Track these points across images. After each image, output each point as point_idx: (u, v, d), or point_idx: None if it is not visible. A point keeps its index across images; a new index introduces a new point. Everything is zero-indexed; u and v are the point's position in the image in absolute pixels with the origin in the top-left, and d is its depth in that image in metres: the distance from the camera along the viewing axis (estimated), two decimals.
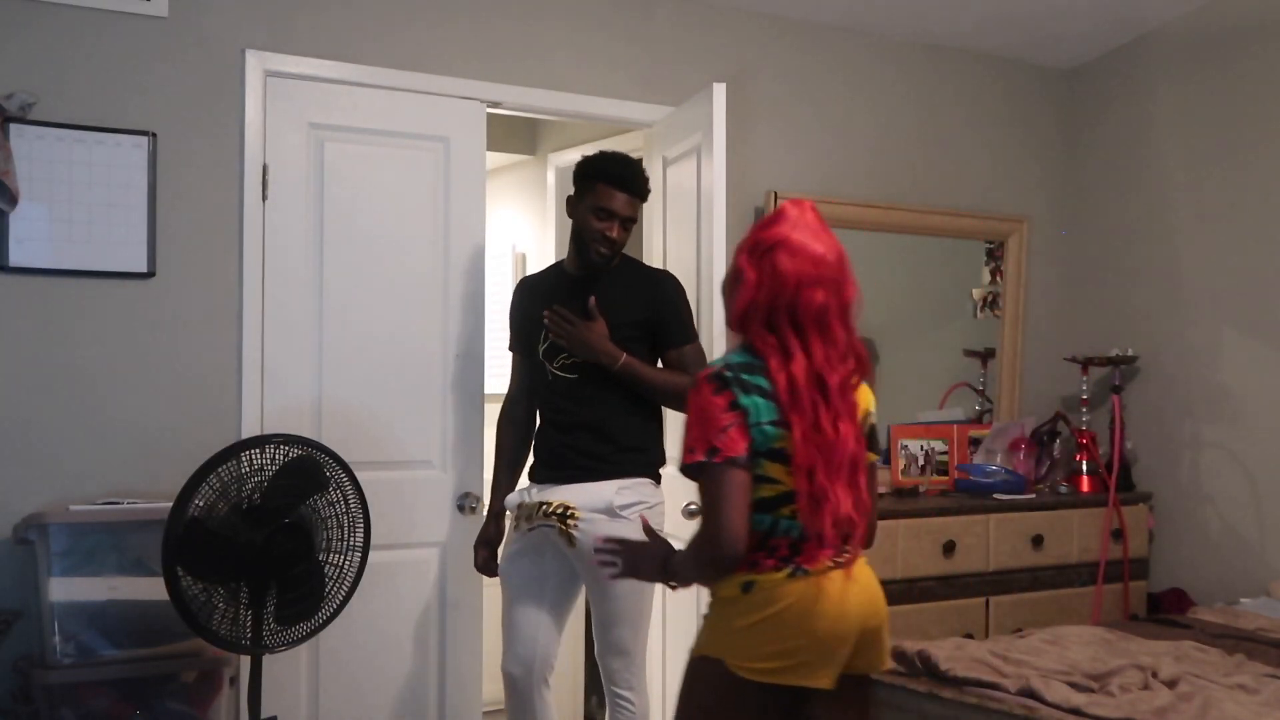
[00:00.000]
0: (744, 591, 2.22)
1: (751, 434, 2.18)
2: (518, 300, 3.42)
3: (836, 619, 2.20)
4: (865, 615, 2.26)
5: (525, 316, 3.34)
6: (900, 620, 3.86)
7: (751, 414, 2.19)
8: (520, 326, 3.38)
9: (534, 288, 3.40)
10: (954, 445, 4.60)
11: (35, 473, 3.18)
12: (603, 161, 3.20)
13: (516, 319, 3.40)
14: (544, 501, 3.12)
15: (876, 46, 4.62)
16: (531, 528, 3.15)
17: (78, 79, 3.27)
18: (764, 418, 2.19)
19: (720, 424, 2.18)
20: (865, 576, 2.31)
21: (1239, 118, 4.45)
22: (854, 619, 2.23)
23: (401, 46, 3.70)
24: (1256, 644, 3.29)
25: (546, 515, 3.10)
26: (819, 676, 2.20)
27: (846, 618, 2.22)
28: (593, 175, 3.18)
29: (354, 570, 2.98)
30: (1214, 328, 4.52)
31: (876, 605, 2.30)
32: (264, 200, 3.49)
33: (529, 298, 3.36)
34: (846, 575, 2.24)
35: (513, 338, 3.42)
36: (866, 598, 2.28)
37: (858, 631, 2.24)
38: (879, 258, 4.74)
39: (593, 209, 3.15)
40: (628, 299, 3.20)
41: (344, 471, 2.94)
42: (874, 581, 2.32)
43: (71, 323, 3.26)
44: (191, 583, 2.72)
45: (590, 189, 3.17)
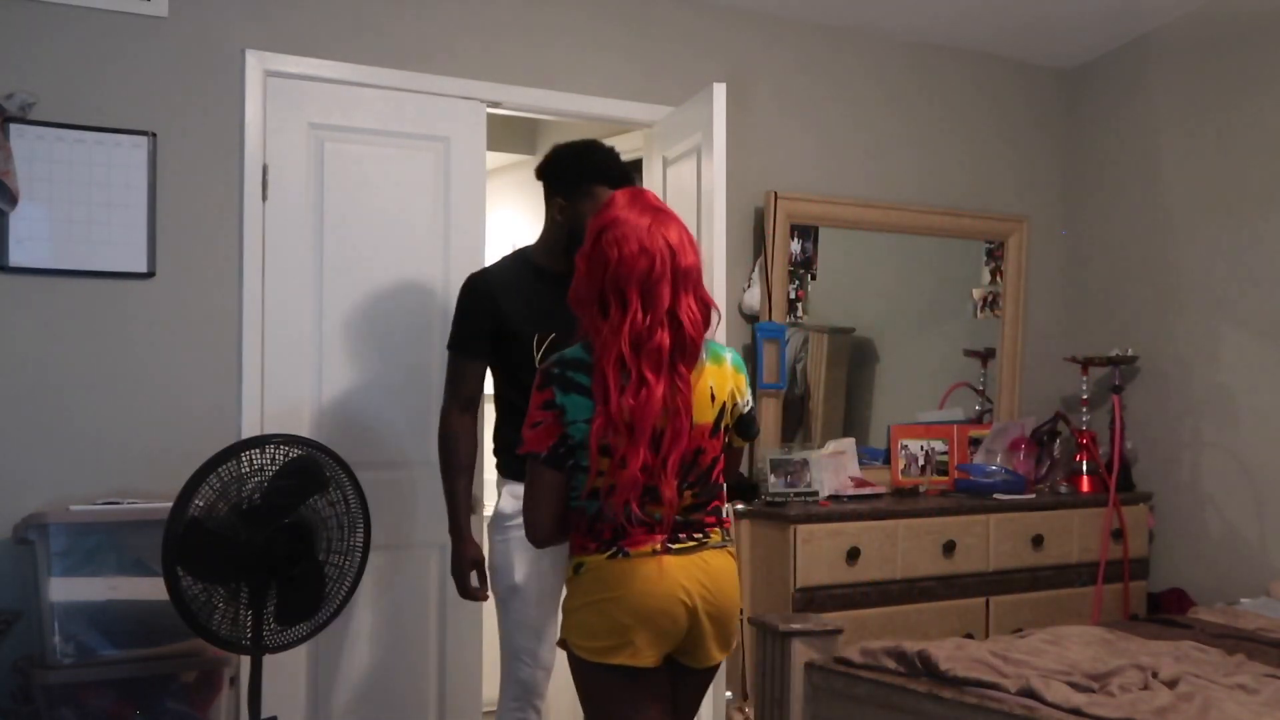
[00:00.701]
0: (575, 574, 2.36)
1: (570, 430, 2.29)
2: (484, 297, 3.03)
3: (657, 600, 2.28)
4: (699, 602, 2.31)
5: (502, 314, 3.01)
6: (900, 620, 3.89)
7: (569, 412, 2.29)
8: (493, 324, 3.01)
9: (505, 284, 3.06)
10: (954, 445, 4.60)
11: (35, 473, 3.18)
12: (593, 160, 3.01)
13: (487, 317, 3.02)
14: None
15: (876, 46, 4.62)
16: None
17: (78, 79, 3.27)
18: (581, 415, 2.28)
19: (532, 420, 2.32)
20: (710, 565, 2.35)
21: (1239, 118, 4.45)
22: (677, 603, 2.29)
23: (401, 46, 3.70)
24: (1257, 644, 3.29)
25: None
26: (642, 656, 2.29)
27: (668, 600, 2.29)
28: (589, 177, 2.99)
29: (354, 570, 2.98)
30: (1214, 327, 4.52)
31: (716, 595, 2.34)
32: (264, 200, 3.49)
33: (504, 294, 3.04)
34: (679, 561, 2.31)
35: (472, 338, 3.03)
36: (703, 584, 2.32)
37: (686, 616, 2.31)
38: (879, 258, 4.74)
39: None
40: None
41: (344, 471, 2.94)
42: (722, 571, 2.37)
43: (71, 323, 3.26)
44: (191, 583, 2.72)
45: (586, 193, 2.97)
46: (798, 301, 4.44)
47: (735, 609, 2.40)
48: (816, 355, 4.57)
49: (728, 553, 2.41)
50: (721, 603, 2.35)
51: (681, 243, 2.35)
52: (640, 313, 2.28)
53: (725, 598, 2.36)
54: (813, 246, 4.45)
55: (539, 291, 3.00)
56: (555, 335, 2.98)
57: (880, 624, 3.83)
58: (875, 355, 4.78)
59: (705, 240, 3.56)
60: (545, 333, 2.99)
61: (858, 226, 4.55)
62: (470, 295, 3.06)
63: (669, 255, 2.31)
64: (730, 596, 2.38)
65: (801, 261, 4.44)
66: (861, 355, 4.74)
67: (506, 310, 2.99)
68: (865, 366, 4.76)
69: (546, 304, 2.96)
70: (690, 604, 2.31)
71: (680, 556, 2.32)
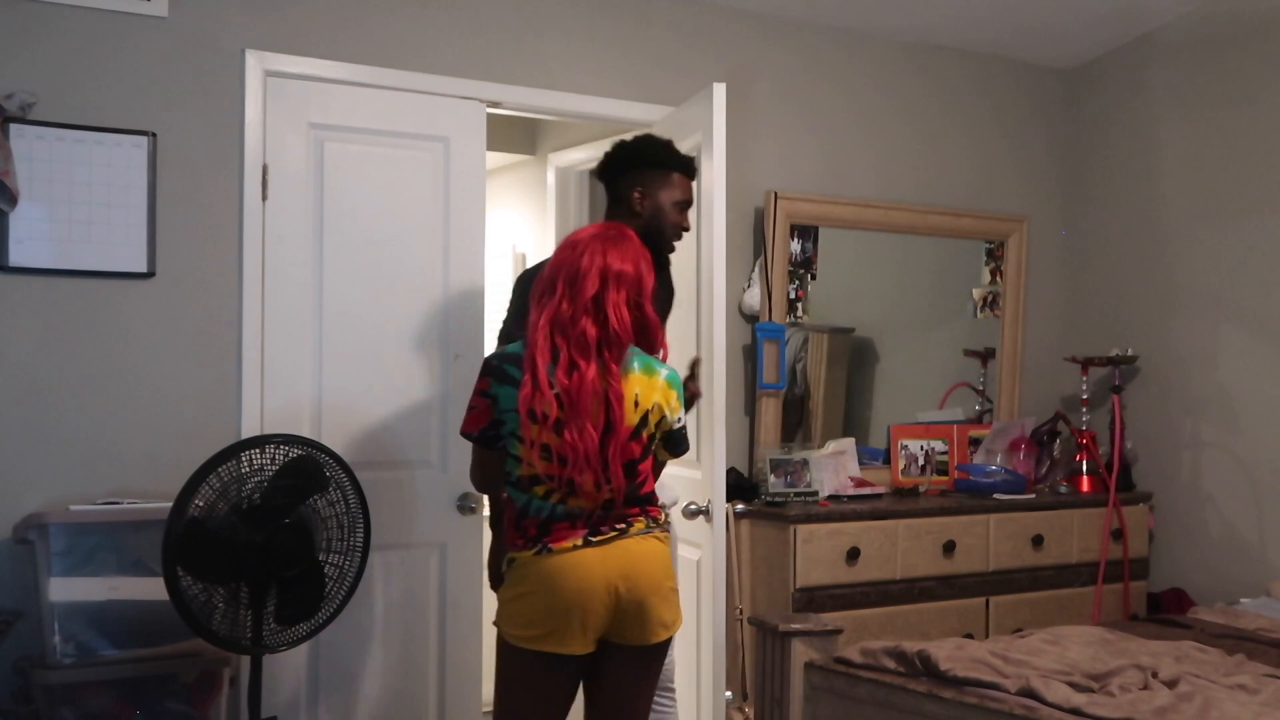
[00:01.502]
0: (507, 566, 2.58)
1: (502, 418, 2.53)
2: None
3: (580, 593, 2.47)
4: (621, 589, 2.48)
5: None
6: (900, 620, 3.89)
7: (500, 401, 2.52)
8: None
9: None
10: (954, 445, 4.60)
11: (35, 473, 3.18)
12: (672, 151, 3.08)
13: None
14: None
15: (877, 46, 4.62)
16: None
17: (78, 79, 3.27)
18: (510, 405, 2.50)
19: (470, 403, 2.59)
20: (631, 551, 2.52)
21: (1239, 117, 4.45)
22: (599, 593, 2.47)
23: (401, 46, 3.70)
24: (1257, 644, 3.29)
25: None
26: (569, 644, 2.49)
27: (590, 592, 2.47)
28: (668, 165, 3.04)
29: (354, 570, 2.98)
30: (1213, 328, 4.52)
31: (637, 580, 2.50)
32: (264, 200, 3.49)
33: None
34: (599, 553, 2.49)
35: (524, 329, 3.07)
36: (623, 573, 2.49)
37: (608, 605, 2.48)
38: (879, 258, 4.74)
39: (675, 203, 3.03)
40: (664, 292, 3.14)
41: (344, 471, 2.94)
42: (643, 556, 2.53)
43: (71, 323, 3.25)
44: (191, 583, 2.72)
45: (665, 179, 3.03)
46: (798, 301, 4.44)
47: (661, 589, 2.55)
48: (816, 355, 4.57)
49: (654, 537, 2.57)
50: (643, 585, 2.51)
51: (623, 253, 2.53)
52: (566, 300, 2.49)
53: (647, 580, 2.52)
54: (813, 246, 4.45)
55: None
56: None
57: (880, 624, 3.83)
58: (875, 355, 4.78)
59: (705, 240, 3.56)
60: None
61: (858, 226, 4.55)
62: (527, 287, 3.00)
63: (602, 256, 2.51)
64: (652, 578, 2.53)
65: (801, 261, 4.44)
66: (861, 355, 4.74)
67: None
68: (865, 366, 4.76)
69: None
70: (611, 592, 2.49)
71: (600, 548, 2.50)
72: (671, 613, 2.59)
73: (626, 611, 2.50)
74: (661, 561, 2.57)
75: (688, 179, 3.09)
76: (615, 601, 2.49)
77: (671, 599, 2.59)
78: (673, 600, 2.60)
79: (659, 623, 2.55)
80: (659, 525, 2.60)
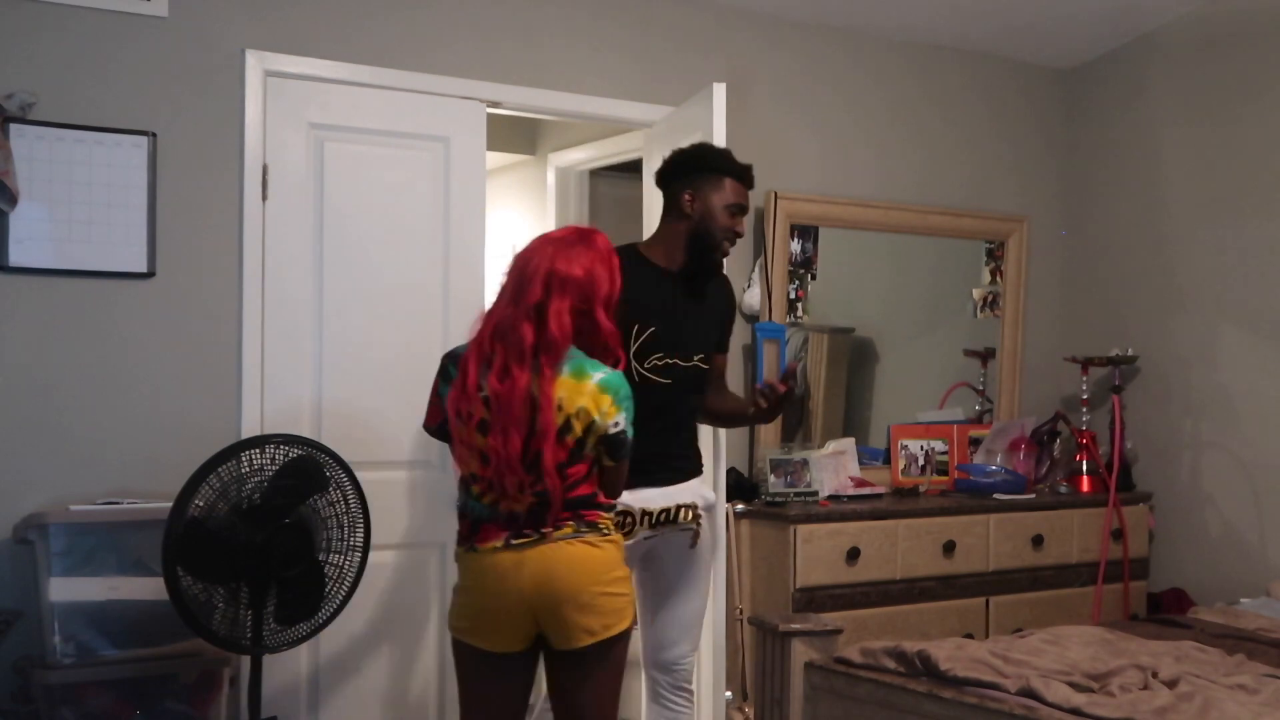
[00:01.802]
0: (456, 561, 2.66)
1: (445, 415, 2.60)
2: None
3: (496, 595, 2.54)
4: (539, 594, 2.51)
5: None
6: (900, 620, 3.89)
7: (443, 399, 2.61)
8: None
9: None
10: (954, 445, 4.60)
11: (35, 473, 3.18)
12: (724, 155, 3.11)
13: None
14: (683, 505, 3.02)
15: (876, 46, 4.62)
16: (652, 535, 3.00)
17: (78, 79, 3.27)
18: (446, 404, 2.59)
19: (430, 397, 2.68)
20: (549, 556, 2.51)
21: (1239, 117, 4.45)
22: (511, 596, 2.52)
23: (401, 46, 3.70)
24: (1257, 644, 3.29)
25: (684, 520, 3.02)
26: (492, 641, 2.58)
27: (506, 595, 2.53)
28: (722, 170, 3.06)
29: (354, 570, 2.98)
30: (1213, 328, 4.52)
31: (552, 586, 2.51)
32: (264, 200, 3.49)
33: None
34: (515, 557, 2.52)
35: None
36: (536, 579, 2.51)
37: (521, 608, 2.52)
38: (879, 258, 4.74)
39: (725, 206, 3.03)
40: (716, 298, 3.17)
41: (344, 471, 2.94)
42: (562, 561, 2.52)
43: (71, 323, 3.25)
44: (191, 583, 2.72)
45: (717, 183, 3.04)
46: (798, 301, 4.44)
47: (580, 596, 2.53)
48: (816, 355, 4.57)
49: (584, 542, 2.55)
50: (559, 591, 2.51)
51: (573, 257, 2.55)
52: (510, 304, 2.54)
53: (564, 586, 2.51)
54: (813, 246, 4.45)
55: (646, 284, 3.01)
56: (654, 329, 2.99)
57: (880, 624, 3.83)
58: (875, 355, 4.78)
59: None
60: (645, 325, 2.98)
61: (858, 226, 4.55)
62: None
63: (550, 261, 2.55)
64: (570, 585, 2.52)
65: (801, 261, 4.44)
66: (861, 355, 4.74)
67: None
68: (865, 366, 4.76)
69: (651, 298, 3.00)
70: (522, 597, 2.52)
71: (517, 552, 2.53)
72: (597, 618, 2.54)
73: (542, 617, 2.54)
74: (585, 567, 2.53)
75: (742, 185, 3.08)
76: (528, 606, 2.52)
77: (599, 604, 2.54)
78: (600, 605, 2.54)
79: (579, 628, 2.54)
80: (594, 530, 2.57)
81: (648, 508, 2.98)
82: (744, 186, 3.09)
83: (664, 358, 3.02)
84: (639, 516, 2.97)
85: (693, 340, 3.08)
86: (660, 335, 3.00)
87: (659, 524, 2.99)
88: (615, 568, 2.60)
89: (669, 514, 3.00)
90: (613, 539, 2.62)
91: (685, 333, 3.06)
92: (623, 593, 2.61)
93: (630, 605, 2.64)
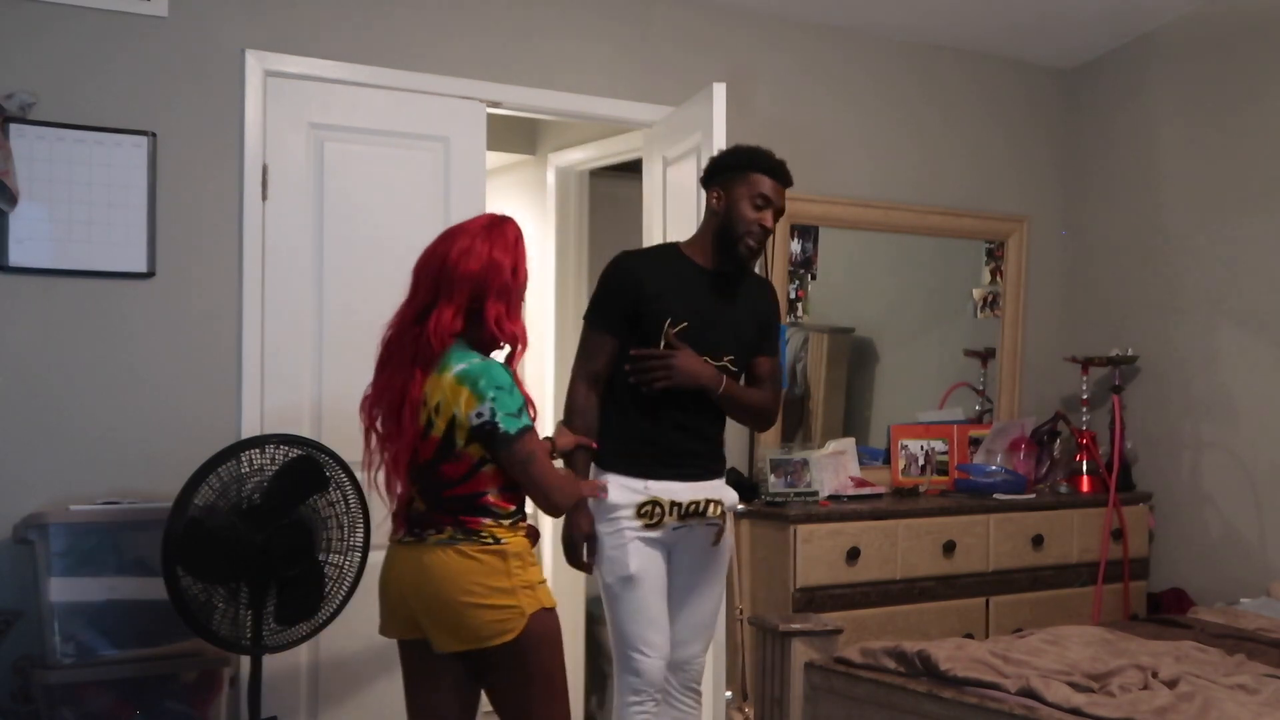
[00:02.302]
0: None
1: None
2: (631, 277, 3.03)
3: (385, 585, 2.62)
4: (408, 595, 2.56)
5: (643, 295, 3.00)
6: (900, 620, 3.89)
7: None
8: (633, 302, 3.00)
9: (652, 266, 3.08)
10: (954, 445, 4.60)
11: (35, 473, 3.18)
12: (751, 152, 3.08)
13: (628, 297, 3.01)
14: (711, 499, 3.04)
15: (876, 46, 4.62)
16: (679, 526, 3.01)
17: (78, 79, 3.27)
18: None
19: None
20: (422, 560, 2.54)
21: (1239, 117, 4.45)
22: (396, 595, 2.59)
23: (401, 46, 3.70)
24: (1257, 644, 3.29)
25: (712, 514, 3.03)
26: (389, 630, 2.65)
27: (390, 587, 2.61)
28: (745, 165, 3.05)
29: (354, 570, 2.98)
30: (1213, 328, 4.52)
31: (418, 589, 2.54)
32: (264, 200, 3.49)
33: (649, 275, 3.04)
34: (396, 553, 2.61)
35: (610, 311, 3.03)
36: (405, 581, 2.56)
37: (401, 605, 2.58)
38: (879, 258, 4.74)
39: (749, 197, 3.01)
40: (754, 300, 3.16)
41: (344, 471, 2.94)
42: (431, 567, 2.52)
43: (71, 323, 3.25)
44: (191, 583, 2.73)
45: (742, 179, 3.03)
46: (798, 301, 4.44)
47: (446, 602, 2.51)
48: (816, 355, 4.57)
49: (456, 550, 2.52)
50: (424, 596, 2.53)
51: (470, 251, 2.55)
52: (407, 306, 2.61)
53: (429, 592, 2.52)
54: (813, 246, 4.45)
55: (682, 280, 3.05)
56: (687, 324, 2.99)
57: (880, 624, 3.83)
58: (875, 355, 4.78)
59: None
60: (677, 319, 2.99)
61: (858, 226, 4.55)
62: (616, 270, 3.08)
63: (444, 258, 2.56)
64: (433, 591, 2.52)
65: (801, 261, 4.44)
66: (861, 355, 4.74)
67: (648, 291, 3.01)
68: (865, 366, 4.76)
69: (685, 293, 3.02)
70: (404, 594, 2.57)
71: (398, 548, 2.60)
72: (466, 630, 2.51)
73: (417, 617, 2.57)
74: (451, 575, 2.50)
75: (770, 179, 3.04)
76: (405, 605, 2.58)
77: (466, 617, 2.50)
78: (467, 619, 2.50)
79: (446, 634, 2.54)
80: (472, 537, 2.52)
81: (676, 498, 2.99)
82: (773, 180, 3.05)
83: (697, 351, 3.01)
84: (668, 507, 2.98)
85: (723, 340, 3.06)
86: (690, 331, 3.00)
87: (687, 515, 3.00)
88: (491, 577, 2.51)
89: (697, 506, 3.01)
90: (497, 549, 2.53)
91: (716, 331, 3.05)
92: (502, 604, 2.51)
93: (519, 618, 2.51)
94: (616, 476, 3.00)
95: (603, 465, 3.04)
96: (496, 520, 2.56)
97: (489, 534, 2.54)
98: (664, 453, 3.02)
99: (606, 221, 5.18)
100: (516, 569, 2.54)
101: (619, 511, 2.98)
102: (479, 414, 2.50)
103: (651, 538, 3.00)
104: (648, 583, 3.00)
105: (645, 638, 3.00)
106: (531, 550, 2.64)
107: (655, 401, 3.01)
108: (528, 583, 2.56)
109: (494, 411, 2.50)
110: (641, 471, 3.00)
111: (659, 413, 3.02)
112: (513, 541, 2.56)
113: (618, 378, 3.04)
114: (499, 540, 2.54)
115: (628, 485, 2.99)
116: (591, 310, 3.10)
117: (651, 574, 3.01)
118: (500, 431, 2.50)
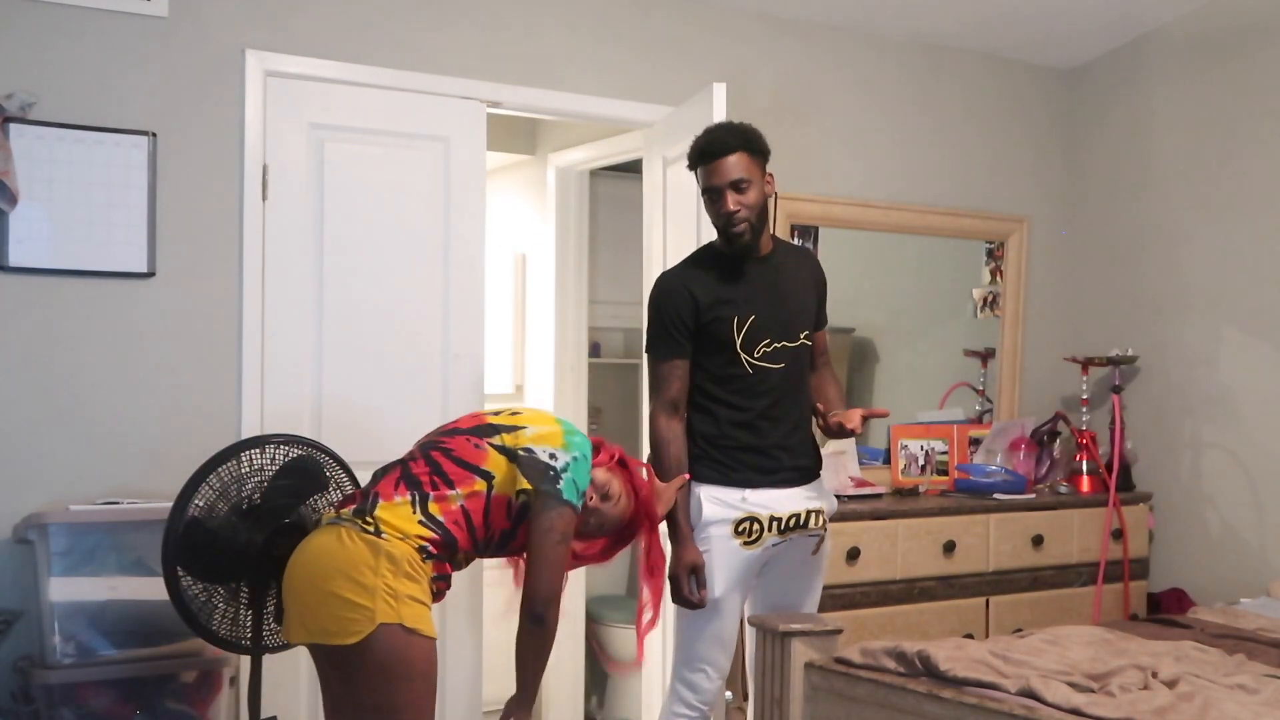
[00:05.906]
0: None
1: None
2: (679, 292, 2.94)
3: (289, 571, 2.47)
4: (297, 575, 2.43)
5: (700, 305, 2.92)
6: (900, 620, 3.89)
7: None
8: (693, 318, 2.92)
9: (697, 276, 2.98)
10: (954, 445, 4.60)
11: (35, 473, 3.18)
12: (693, 147, 2.97)
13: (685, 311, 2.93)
14: (812, 510, 2.93)
15: (876, 46, 4.62)
16: (779, 542, 2.91)
17: (78, 79, 3.27)
18: None
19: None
20: (306, 544, 2.45)
21: (1239, 117, 4.45)
22: (293, 579, 2.44)
23: (401, 46, 3.70)
24: (1257, 644, 3.29)
25: (815, 525, 2.93)
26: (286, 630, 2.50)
27: (291, 575, 2.45)
28: (692, 163, 2.96)
29: None
30: (1214, 328, 4.52)
31: (294, 569, 2.44)
32: (264, 200, 3.49)
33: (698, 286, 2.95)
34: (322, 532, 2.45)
35: (673, 336, 2.94)
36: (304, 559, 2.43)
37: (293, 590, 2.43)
38: (879, 258, 4.74)
39: (705, 194, 2.94)
40: (805, 277, 3.08)
41: (344, 471, 2.94)
42: (309, 550, 2.43)
43: (71, 323, 3.26)
44: (191, 583, 2.72)
45: (698, 177, 2.95)
46: None
47: (310, 586, 2.39)
48: None
49: (344, 530, 2.40)
50: (295, 576, 2.44)
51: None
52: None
53: (303, 573, 2.42)
54: (813, 246, 4.45)
55: (729, 277, 2.95)
56: (755, 317, 2.92)
57: (880, 624, 3.83)
58: (875, 355, 4.77)
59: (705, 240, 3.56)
60: (745, 315, 2.92)
61: (858, 226, 4.55)
62: (665, 294, 2.98)
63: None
64: (305, 574, 2.42)
65: None
66: (861, 355, 4.74)
67: (704, 301, 2.92)
68: (865, 366, 4.75)
69: (739, 289, 2.93)
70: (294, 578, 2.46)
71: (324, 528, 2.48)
72: (308, 619, 2.39)
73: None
74: (324, 556, 2.38)
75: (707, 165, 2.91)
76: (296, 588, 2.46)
77: (319, 604, 2.36)
78: (320, 606, 2.36)
79: (296, 621, 2.43)
80: (359, 520, 2.40)
81: (775, 512, 2.88)
82: (713, 163, 2.89)
83: (772, 342, 2.93)
84: (767, 523, 2.86)
85: (793, 318, 2.98)
86: (762, 322, 2.91)
87: (788, 529, 2.89)
88: (354, 568, 2.33)
89: (799, 519, 2.89)
90: (371, 539, 2.35)
91: (785, 310, 2.96)
92: (354, 600, 2.32)
93: (366, 623, 2.29)
94: (710, 488, 2.90)
95: (696, 479, 2.92)
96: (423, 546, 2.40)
97: (388, 531, 2.38)
98: (757, 455, 2.90)
99: (606, 222, 5.19)
100: (386, 569, 2.32)
101: (712, 528, 2.86)
102: (553, 456, 2.46)
103: (758, 556, 2.89)
104: (730, 608, 2.92)
105: (714, 660, 2.94)
106: (420, 567, 2.39)
107: (748, 398, 2.90)
108: (393, 590, 2.32)
109: (567, 468, 2.46)
110: (739, 480, 2.89)
111: (748, 411, 2.90)
112: (398, 547, 2.36)
113: (701, 384, 2.95)
114: (380, 534, 2.37)
115: (723, 499, 2.88)
116: (653, 342, 2.99)
117: (736, 599, 2.93)
118: (557, 487, 2.44)
